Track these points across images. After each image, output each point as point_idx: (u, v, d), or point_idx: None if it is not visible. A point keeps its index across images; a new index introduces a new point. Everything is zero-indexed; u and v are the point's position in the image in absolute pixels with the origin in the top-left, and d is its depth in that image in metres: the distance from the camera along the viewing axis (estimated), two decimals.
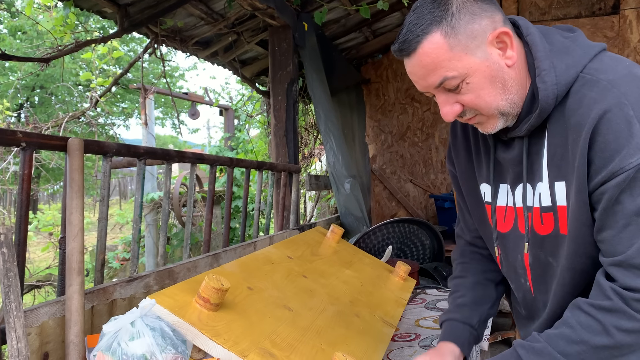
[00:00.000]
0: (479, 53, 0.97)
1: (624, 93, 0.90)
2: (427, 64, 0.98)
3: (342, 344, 1.39)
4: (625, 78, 0.92)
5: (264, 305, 1.36)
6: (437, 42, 0.96)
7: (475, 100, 1.00)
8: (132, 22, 2.79)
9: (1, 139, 1.27)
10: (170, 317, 1.14)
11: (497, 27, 0.99)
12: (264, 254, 1.70)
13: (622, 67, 0.95)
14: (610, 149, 0.89)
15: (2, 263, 1.12)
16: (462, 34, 0.96)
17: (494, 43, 0.98)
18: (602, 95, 0.92)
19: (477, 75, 0.98)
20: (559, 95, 0.98)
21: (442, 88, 1.01)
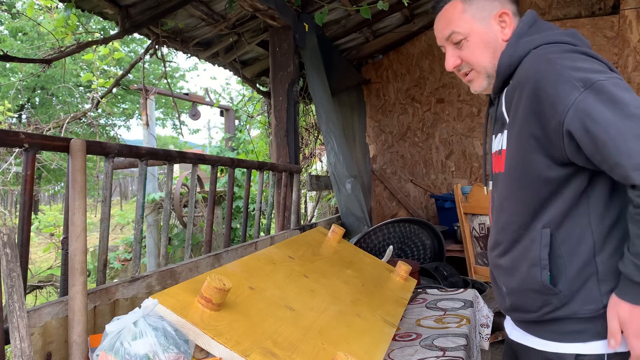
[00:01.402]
0: (483, 23, 1.29)
1: (553, 58, 1.13)
2: (445, 19, 1.34)
3: (343, 344, 1.40)
4: (563, 53, 1.14)
5: (265, 305, 1.37)
6: (456, 6, 1.32)
7: (470, 55, 1.32)
8: (133, 23, 2.79)
9: (4, 140, 1.28)
10: (172, 317, 1.14)
11: (504, 8, 1.29)
12: (265, 254, 1.71)
13: (558, 47, 1.17)
14: (552, 96, 1.10)
15: (5, 264, 1.13)
16: (475, 6, 1.30)
17: (497, 19, 1.29)
18: (538, 60, 1.16)
19: (475, 37, 1.30)
20: (512, 63, 1.24)
21: (450, 42, 1.33)
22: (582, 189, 1.16)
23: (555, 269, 1.18)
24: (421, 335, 1.88)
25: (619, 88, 1.04)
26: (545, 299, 1.19)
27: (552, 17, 4.53)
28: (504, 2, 1.31)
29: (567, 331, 1.18)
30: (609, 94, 1.03)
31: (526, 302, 1.25)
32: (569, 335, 1.18)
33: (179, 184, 5.75)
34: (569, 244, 1.17)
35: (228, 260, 2.23)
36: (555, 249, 1.18)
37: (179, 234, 6.05)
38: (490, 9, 1.29)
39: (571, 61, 1.11)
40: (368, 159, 5.08)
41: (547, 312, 1.20)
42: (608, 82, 1.05)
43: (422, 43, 4.91)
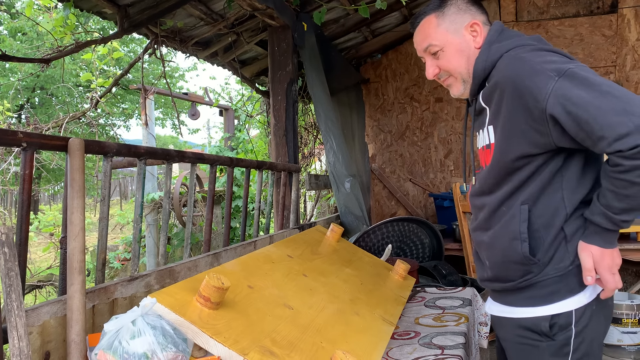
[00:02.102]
0: (456, 34, 1.43)
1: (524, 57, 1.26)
2: (421, 33, 1.47)
3: (342, 342, 1.40)
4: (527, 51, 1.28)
5: (264, 304, 1.37)
6: (431, 21, 1.45)
7: (446, 64, 1.45)
8: (132, 23, 2.79)
9: (2, 139, 1.28)
10: (171, 316, 1.15)
11: (473, 20, 1.42)
12: (264, 253, 1.71)
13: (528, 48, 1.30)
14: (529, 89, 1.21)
15: (3, 263, 1.13)
16: (448, 20, 1.43)
17: (468, 30, 1.42)
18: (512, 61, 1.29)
19: (450, 48, 1.43)
20: (486, 67, 1.37)
21: (428, 52, 1.46)
22: (557, 169, 1.28)
23: (533, 241, 1.30)
24: (420, 334, 1.88)
25: (588, 72, 1.18)
26: (526, 269, 1.31)
27: (551, 16, 4.54)
28: (475, 14, 1.44)
29: (542, 294, 1.30)
30: (581, 78, 1.16)
31: (508, 273, 1.36)
32: (544, 298, 1.29)
33: (178, 183, 5.75)
34: (544, 218, 1.29)
35: (227, 260, 2.23)
36: (533, 223, 1.30)
37: (178, 233, 6.05)
38: (462, 21, 1.43)
39: (540, 57, 1.24)
40: (367, 158, 5.08)
41: (527, 279, 1.32)
42: (577, 68, 1.18)
43: None
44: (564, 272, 1.28)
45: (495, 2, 4.66)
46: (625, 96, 1.11)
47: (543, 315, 1.29)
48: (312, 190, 5.28)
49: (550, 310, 1.28)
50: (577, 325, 1.26)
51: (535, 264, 1.29)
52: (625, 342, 3.44)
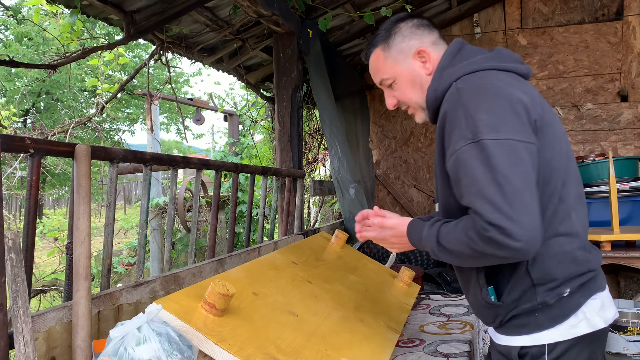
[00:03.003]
0: (404, 64, 1.38)
1: (463, 97, 1.20)
2: (373, 68, 1.44)
3: (347, 350, 1.40)
4: (470, 88, 1.21)
5: (269, 311, 1.37)
6: (378, 55, 1.41)
7: (402, 95, 1.42)
8: (138, 29, 2.81)
9: (10, 145, 1.28)
10: (176, 323, 1.15)
11: (420, 46, 1.36)
12: (268, 259, 1.71)
13: (476, 78, 1.23)
14: (450, 137, 1.21)
15: (10, 268, 1.14)
16: (394, 51, 1.38)
17: (416, 57, 1.37)
18: (451, 98, 1.24)
19: (401, 79, 1.39)
20: (437, 97, 1.31)
21: (384, 85, 1.44)
22: None
23: (495, 284, 1.28)
24: (425, 341, 1.88)
25: (500, 151, 1.11)
26: (494, 311, 1.29)
27: (556, 23, 4.54)
28: (422, 37, 1.38)
29: (513, 325, 1.28)
30: (486, 155, 1.12)
31: (482, 316, 1.37)
32: (515, 328, 1.27)
33: (183, 188, 5.76)
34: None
35: (231, 265, 2.23)
36: (491, 269, 1.27)
37: (183, 238, 6.05)
38: (408, 49, 1.37)
39: (475, 105, 1.18)
40: (371, 164, 5.08)
41: (501, 321, 1.30)
42: (492, 142, 1.12)
43: None
44: (531, 310, 1.24)
45: (500, 9, 4.66)
46: (512, 196, 1.08)
47: (512, 345, 1.28)
48: (317, 196, 5.28)
49: (519, 341, 1.27)
50: (550, 355, 1.23)
51: (500, 306, 1.27)
52: (631, 351, 3.42)
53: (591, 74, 4.48)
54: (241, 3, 2.75)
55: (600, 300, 1.25)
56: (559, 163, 1.23)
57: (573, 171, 1.29)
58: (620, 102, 4.42)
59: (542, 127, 1.20)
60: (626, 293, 4.18)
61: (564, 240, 1.23)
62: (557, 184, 1.22)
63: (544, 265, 1.22)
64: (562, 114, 4.52)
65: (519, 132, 1.14)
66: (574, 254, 1.24)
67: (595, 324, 1.23)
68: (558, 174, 1.23)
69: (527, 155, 1.13)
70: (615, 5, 4.42)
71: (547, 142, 1.21)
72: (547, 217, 1.20)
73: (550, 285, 1.22)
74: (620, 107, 4.41)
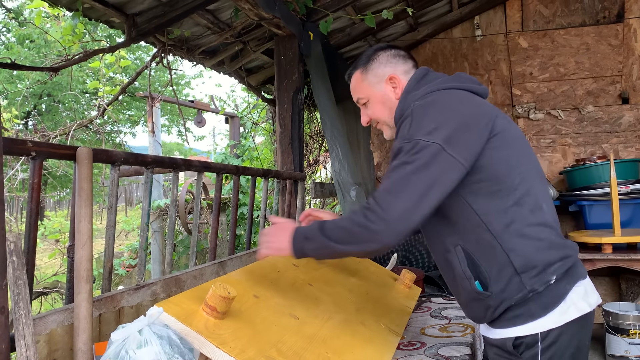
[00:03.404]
0: (378, 87, 1.56)
1: (414, 110, 1.37)
2: (352, 88, 1.63)
3: (348, 353, 1.40)
4: (422, 104, 1.38)
5: (270, 314, 1.37)
6: (357, 77, 1.60)
7: (373, 114, 1.58)
8: (140, 32, 2.82)
9: (12, 148, 1.29)
10: (177, 326, 1.15)
11: (393, 73, 1.54)
12: (270, 262, 1.71)
13: (431, 97, 1.40)
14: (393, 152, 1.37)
15: (12, 271, 1.14)
16: (370, 75, 1.57)
17: (388, 82, 1.54)
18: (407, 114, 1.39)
19: (374, 99, 1.57)
20: (402, 117, 1.43)
21: (360, 103, 1.61)
22: (465, 207, 1.35)
23: (480, 275, 1.36)
24: (426, 344, 1.88)
25: (423, 154, 1.26)
26: (483, 302, 1.37)
27: (557, 26, 4.54)
28: (395, 66, 1.56)
29: (507, 318, 1.35)
30: (410, 154, 1.28)
31: (473, 312, 1.44)
32: (509, 321, 1.35)
33: (184, 191, 5.76)
34: (481, 252, 1.35)
35: (233, 268, 2.23)
36: (473, 259, 1.37)
37: (184, 240, 6.05)
38: (382, 75, 1.55)
39: (421, 115, 1.34)
40: (372, 166, 5.07)
41: (492, 313, 1.37)
42: (422, 144, 1.27)
43: (427, 51, 4.92)
44: (523, 299, 1.32)
45: (501, 12, 4.67)
46: (399, 192, 1.26)
47: (507, 337, 1.35)
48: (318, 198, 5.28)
49: (513, 332, 1.34)
50: (543, 342, 1.31)
51: (489, 297, 1.35)
52: (633, 354, 3.42)
53: (592, 77, 4.48)
54: (242, 6, 2.75)
55: (583, 287, 1.35)
56: (517, 160, 1.36)
57: (534, 170, 1.40)
58: (621, 104, 4.42)
59: (498, 132, 1.34)
60: (628, 296, 4.18)
61: (539, 230, 1.34)
62: (515, 179, 1.34)
63: (523, 253, 1.32)
64: (563, 116, 4.52)
65: (450, 143, 1.27)
66: (550, 240, 1.34)
67: (582, 308, 1.33)
68: (515, 170, 1.34)
69: (443, 165, 1.26)
70: (616, 8, 4.43)
71: (503, 144, 1.34)
72: (510, 208, 1.32)
73: (533, 272, 1.31)
74: (622, 110, 4.41)
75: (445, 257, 1.44)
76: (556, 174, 4.54)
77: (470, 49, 4.77)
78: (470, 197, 1.34)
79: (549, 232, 1.35)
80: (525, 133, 4.60)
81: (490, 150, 1.32)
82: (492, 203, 1.33)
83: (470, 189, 1.33)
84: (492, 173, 1.32)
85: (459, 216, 1.36)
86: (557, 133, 4.55)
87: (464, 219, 1.36)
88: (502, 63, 4.69)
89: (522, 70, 4.63)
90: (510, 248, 1.32)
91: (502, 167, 1.33)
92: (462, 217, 1.36)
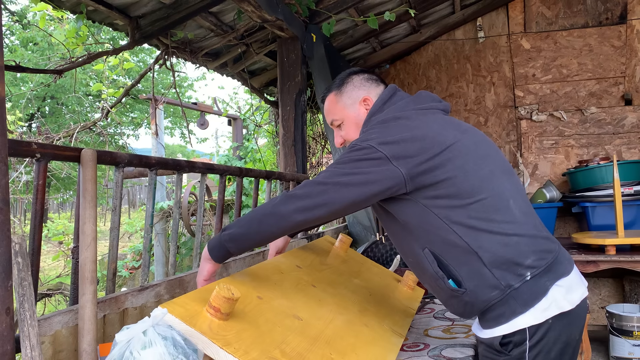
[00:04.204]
0: (351, 108, 1.62)
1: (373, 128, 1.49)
2: (326, 109, 1.69)
3: (351, 354, 1.40)
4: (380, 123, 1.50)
5: (273, 315, 1.37)
6: (331, 99, 1.67)
7: (347, 135, 1.64)
8: (143, 34, 2.83)
9: (17, 150, 1.29)
10: (181, 327, 1.15)
11: (366, 95, 1.61)
12: (273, 263, 1.71)
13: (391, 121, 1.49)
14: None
15: (17, 272, 1.15)
16: (345, 96, 1.64)
17: (362, 104, 1.61)
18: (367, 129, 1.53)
19: (348, 121, 1.63)
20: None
21: (334, 125, 1.68)
22: (427, 213, 1.39)
23: (451, 274, 1.41)
24: (429, 346, 1.88)
25: (358, 154, 1.37)
26: (460, 299, 1.41)
27: (560, 27, 4.54)
28: (369, 89, 1.63)
29: (492, 317, 1.39)
30: (346, 154, 1.40)
31: (454, 308, 1.49)
32: (494, 321, 1.38)
33: (187, 192, 5.77)
34: (448, 253, 1.39)
35: (236, 269, 2.23)
36: (441, 260, 1.41)
37: (187, 242, 6.06)
38: (355, 97, 1.62)
39: (380, 130, 1.44)
40: None
41: (473, 310, 1.42)
42: (359, 146, 1.39)
43: (429, 53, 4.93)
44: (502, 297, 1.36)
45: (503, 14, 4.67)
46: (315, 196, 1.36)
47: (494, 336, 1.39)
48: None
49: (500, 331, 1.37)
50: (531, 340, 1.35)
51: (465, 293, 1.39)
52: (637, 355, 3.41)
53: (595, 78, 4.48)
54: (245, 8, 2.76)
55: (566, 284, 1.38)
56: (474, 165, 1.41)
57: (497, 169, 1.45)
58: (624, 105, 4.41)
59: (451, 144, 1.40)
60: (631, 297, 4.17)
61: (505, 226, 1.37)
62: (474, 182, 1.38)
63: (491, 249, 1.36)
64: (565, 117, 4.52)
65: (391, 149, 1.36)
66: (519, 235, 1.37)
67: (563, 306, 1.35)
68: (474, 174, 1.39)
69: (385, 173, 1.34)
70: (619, 9, 4.42)
71: (457, 154, 1.40)
72: (472, 209, 1.37)
73: (504, 266, 1.35)
74: (625, 111, 4.41)
75: (416, 261, 1.48)
76: (559, 176, 4.53)
77: (472, 50, 4.77)
78: (431, 203, 1.39)
79: (517, 227, 1.38)
80: (528, 135, 4.59)
81: (443, 162, 1.37)
82: (453, 206, 1.38)
83: (428, 196, 1.38)
84: (450, 182, 1.37)
85: (422, 222, 1.41)
86: (560, 134, 4.55)
87: (428, 224, 1.40)
88: (505, 64, 4.69)
89: (525, 72, 4.63)
90: (478, 246, 1.36)
91: (459, 173, 1.38)
92: (425, 223, 1.41)
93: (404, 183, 1.36)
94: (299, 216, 1.37)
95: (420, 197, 1.39)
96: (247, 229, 1.41)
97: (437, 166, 1.37)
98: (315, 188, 1.38)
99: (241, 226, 1.42)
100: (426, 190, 1.38)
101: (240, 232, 1.42)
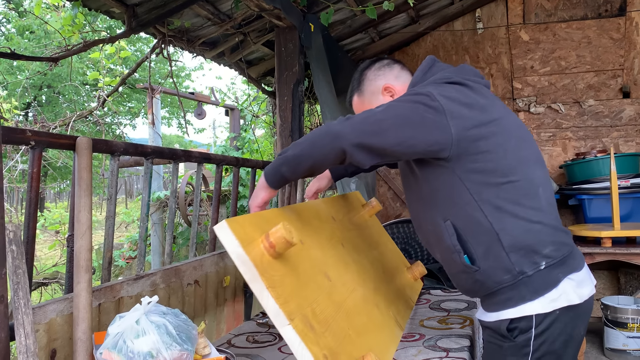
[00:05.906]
0: (377, 101, 1.60)
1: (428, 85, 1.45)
2: (356, 112, 1.66)
3: (364, 336, 1.38)
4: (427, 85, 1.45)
5: (310, 266, 1.32)
6: (356, 102, 1.69)
7: None
8: (140, 22, 2.80)
9: (11, 137, 1.28)
10: (235, 249, 1.08)
11: (386, 83, 1.62)
12: (313, 207, 1.67)
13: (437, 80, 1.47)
14: None
15: (11, 260, 1.14)
16: (366, 92, 1.66)
17: (385, 93, 1.62)
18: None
19: None
20: None
21: None
22: (459, 185, 1.37)
23: (468, 251, 1.40)
24: (425, 336, 1.88)
25: (417, 97, 1.36)
26: (471, 276, 1.42)
27: (559, 19, 4.52)
28: (385, 76, 1.64)
29: (500, 300, 1.39)
30: (404, 96, 1.41)
31: (461, 284, 1.51)
32: (502, 303, 1.39)
33: (184, 182, 5.76)
34: (469, 229, 1.39)
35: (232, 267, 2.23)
36: (461, 235, 1.40)
37: (184, 232, 6.06)
38: (376, 89, 1.63)
39: (434, 87, 1.41)
40: None
41: (481, 289, 1.43)
42: (417, 91, 1.39)
43: (428, 44, 4.91)
44: (514, 281, 1.36)
45: (502, 4, 4.65)
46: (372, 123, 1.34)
47: (501, 320, 1.39)
48: None
49: (506, 315, 1.38)
50: (537, 328, 1.35)
51: (477, 271, 1.40)
52: (631, 347, 3.43)
53: (593, 70, 4.47)
54: None
55: (578, 279, 1.38)
56: (515, 146, 1.40)
57: (533, 156, 1.45)
58: (622, 98, 4.41)
59: (496, 118, 1.39)
60: (626, 289, 4.19)
61: (531, 213, 1.37)
62: (512, 162, 1.38)
63: (512, 232, 1.36)
64: (563, 110, 4.51)
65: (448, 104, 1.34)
66: (542, 224, 1.38)
67: (572, 299, 1.35)
68: (513, 154, 1.38)
69: (435, 122, 1.32)
70: (618, 1, 4.40)
71: (501, 130, 1.39)
72: (504, 189, 1.36)
73: (522, 252, 1.35)
74: (622, 104, 4.40)
75: (434, 230, 1.47)
76: (556, 168, 4.54)
77: (471, 41, 4.75)
78: (465, 176, 1.37)
79: (542, 216, 1.38)
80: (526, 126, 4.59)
81: (488, 135, 1.36)
82: (487, 183, 1.37)
83: (465, 168, 1.37)
84: (489, 156, 1.36)
85: (452, 194, 1.40)
86: (557, 127, 4.55)
87: (457, 197, 1.39)
88: (503, 56, 4.67)
89: (523, 64, 4.62)
90: (501, 227, 1.36)
91: (499, 150, 1.37)
92: (454, 195, 1.39)
93: (450, 144, 1.33)
94: (353, 137, 1.31)
95: (457, 166, 1.36)
96: (301, 150, 1.36)
97: (482, 136, 1.35)
98: (373, 116, 1.35)
99: (295, 147, 1.37)
100: (465, 161, 1.36)
101: (294, 153, 1.36)
